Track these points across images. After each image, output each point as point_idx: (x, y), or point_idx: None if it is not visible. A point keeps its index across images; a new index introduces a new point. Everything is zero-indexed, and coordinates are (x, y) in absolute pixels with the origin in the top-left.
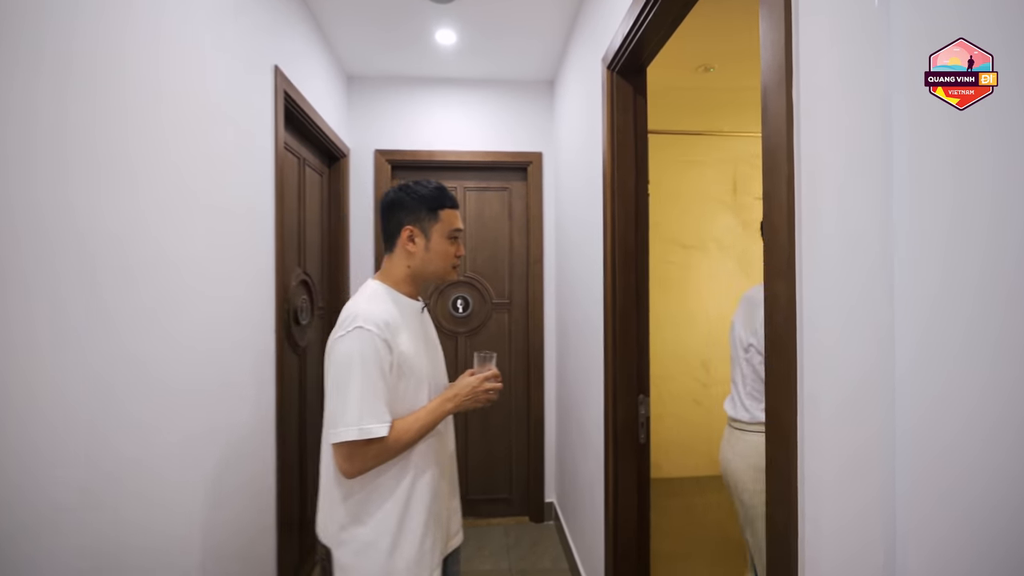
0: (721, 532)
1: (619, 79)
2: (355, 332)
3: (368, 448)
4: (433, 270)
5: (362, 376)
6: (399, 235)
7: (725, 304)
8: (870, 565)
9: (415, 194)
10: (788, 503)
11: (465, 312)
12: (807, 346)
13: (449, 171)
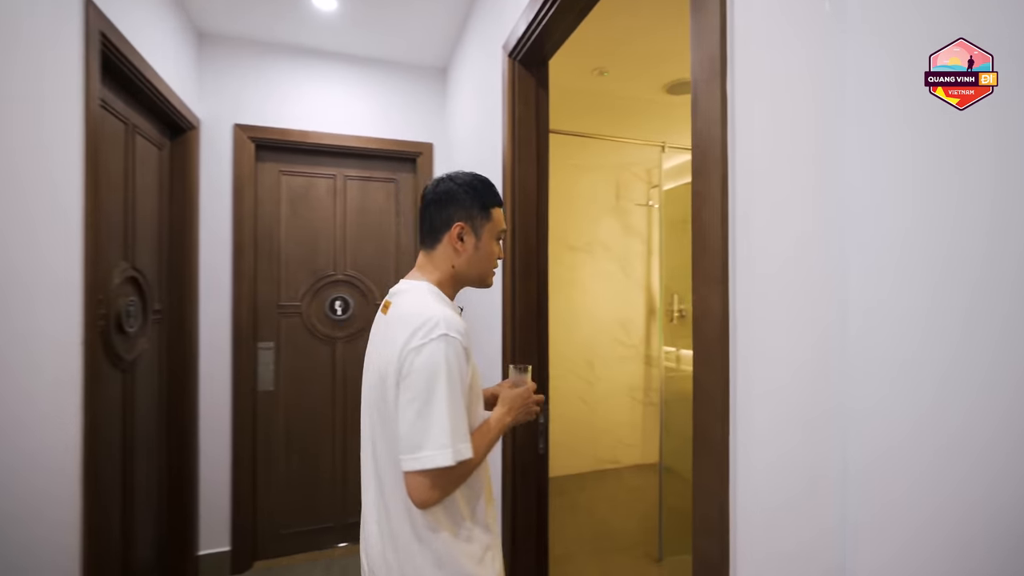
0: (605, 527)
1: (521, 69)
2: (440, 340)
3: (454, 472)
4: (476, 273)
5: (449, 390)
6: (447, 231)
7: (609, 305)
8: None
9: (470, 188)
10: (719, 534)
11: (345, 315)
12: (741, 358)
13: (327, 156)
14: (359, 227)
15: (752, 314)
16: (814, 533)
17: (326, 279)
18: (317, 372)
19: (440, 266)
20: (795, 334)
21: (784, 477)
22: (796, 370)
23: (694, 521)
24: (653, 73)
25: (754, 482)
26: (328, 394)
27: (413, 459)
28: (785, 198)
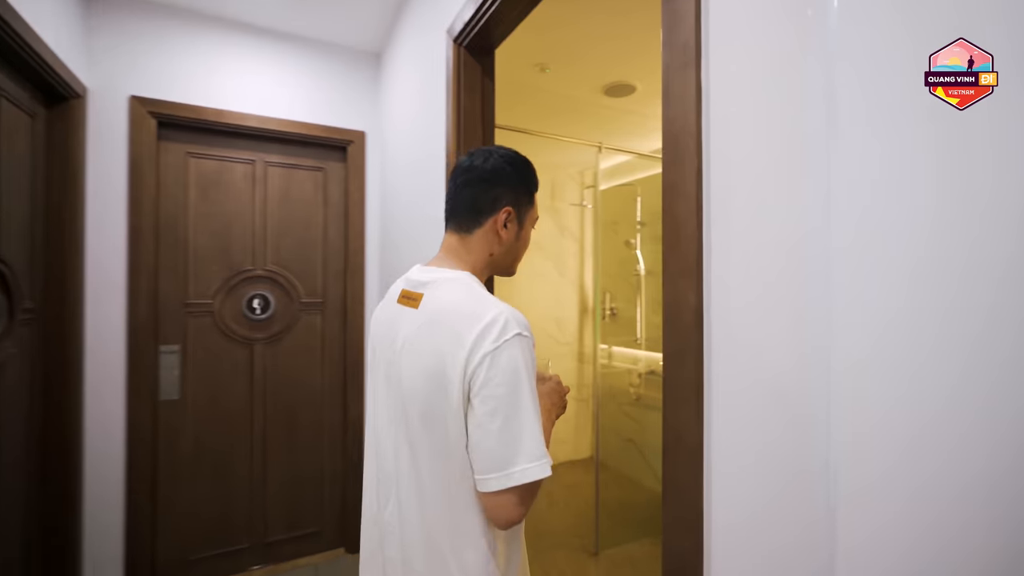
0: (542, 524)
1: (467, 56)
2: (516, 341)
3: (536, 485)
4: (510, 261)
5: (531, 396)
6: (492, 215)
7: (543, 304)
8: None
9: (522, 168)
10: (693, 534)
11: (264, 314)
12: (717, 351)
13: (246, 139)
14: (282, 218)
15: (729, 306)
16: (798, 530)
17: (243, 274)
18: (232, 378)
19: (477, 253)
20: (776, 326)
21: (765, 473)
22: (777, 363)
23: (665, 521)
24: (593, 73)
25: (732, 479)
26: (245, 401)
27: (505, 476)
28: (765, 188)
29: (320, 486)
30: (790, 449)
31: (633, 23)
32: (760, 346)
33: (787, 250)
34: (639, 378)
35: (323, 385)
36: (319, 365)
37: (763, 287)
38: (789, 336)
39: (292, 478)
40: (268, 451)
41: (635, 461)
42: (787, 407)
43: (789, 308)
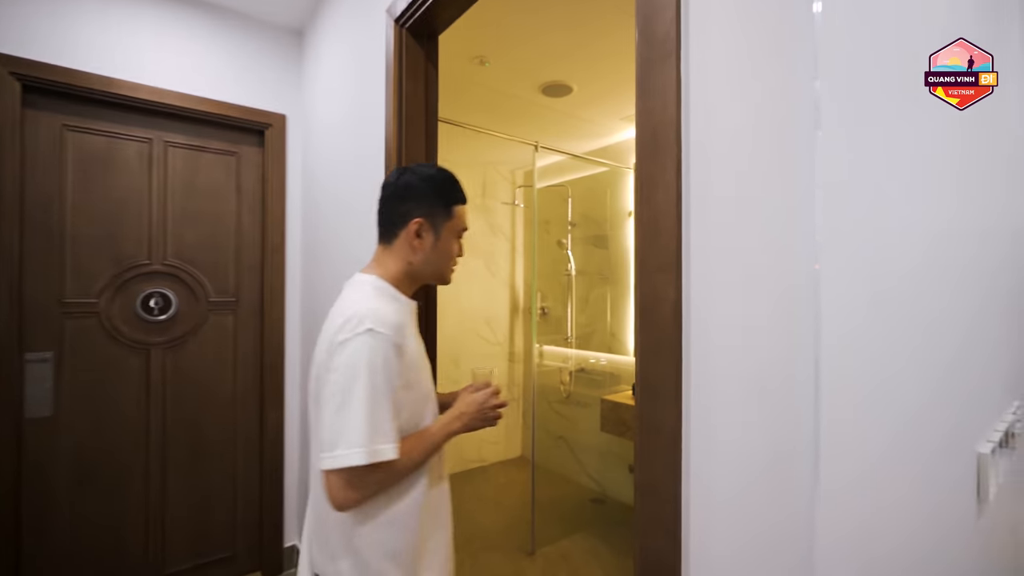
0: (476, 527)
1: (410, 39)
2: (364, 336)
3: (373, 473)
4: (433, 270)
5: (370, 388)
6: (405, 227)
7: (474, 302)
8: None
9: (430, 182)
10: (671, 533)
11: (164, 315)
12: (696, 348)
13: (141, 114)
14: (186, 206)
15: (709, 300)
16: (779, 526)
17: (137, 269)
18: (123, 388)
19: (396, 261)
20: (759, 320)
21: (746, 468)
22: (760, 357)
23: (638, 520)
24: (531, 71)
25: (711, 475)
26: (139, 415)
27: (330, 457)
28: (748, 180)
29: (232, 505)
30: (773, 444)
31: (573, 23)
32: (742, 341)
33: (771, 242)
34: (569, 376)
35: (236, 392)
36: (231, 370)
37: (746, 280)
38: (773, 331)
39: (198, 499)
40: (169, 470)
41: (565, 458)
42: (771, 402)
43: (773, 302)
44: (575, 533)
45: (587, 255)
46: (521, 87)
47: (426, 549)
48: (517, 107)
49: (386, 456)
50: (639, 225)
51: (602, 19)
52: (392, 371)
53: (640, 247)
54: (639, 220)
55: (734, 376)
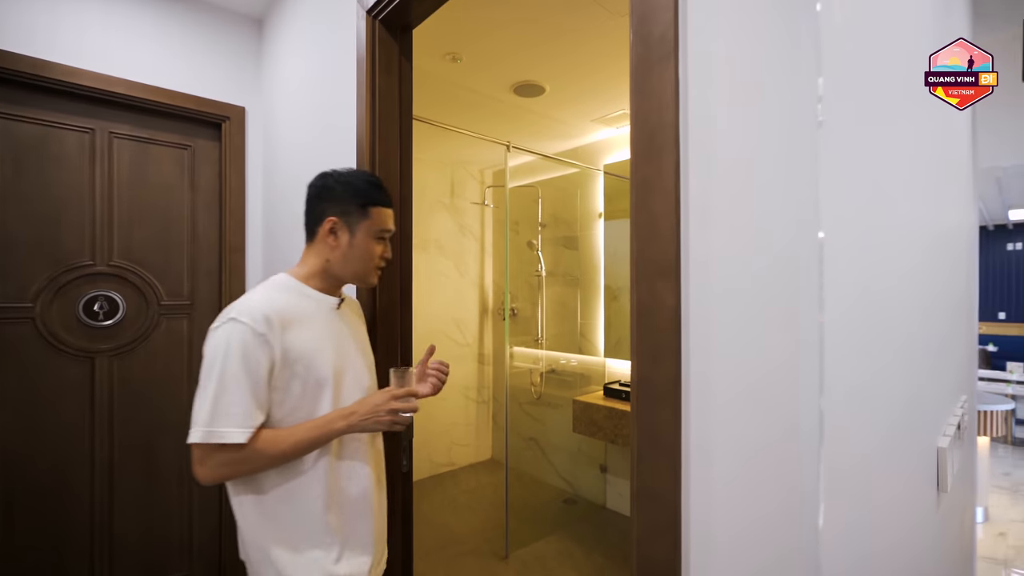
0: (449, 532)
1: (384, 31)
2: (226, 325)
3: (221, 454)
4: (352, 270)
5: (222, 373)
6: (321, 226)
7: (443, 304)
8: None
9: (346, 184)
10: (669, 539)
11: (111, 320)
12: (695, 355)
13: (81, 101)
14: (135, 203)
15: (709, 306)
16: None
17: (79, 270)
18: (62, 401)
19: (314, 259)
20: (763, 327)
21: (750, 478)
22: (764, 365)
23: (637, 528)
24: (504, 69)
25: (713, 484)
26: (82, 429)
27: (189, 433)
28: (751, 184)
29: (187, 521)
30: (779, 454)
31: (549, 22)
32: (746, 348)
33: (775, 248)
34: (540, 377)
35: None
36: (185, 378)
37: (748, 286)
38: (778, 338)
39: (150, 517)
40: (116, 488)
41: (536, 459)
42: (775, 410)
43: (777, 308)
44: (549, 535)
45: (557, 256)
46: (493, 86)
47: (304, 538)
48: (488, 106)
49: (226, 439)
50: (636, 229)
51: (578, 19)
52: (253, 359)
53: (637, 252)
54: (635, 224)
55: (735, 382)
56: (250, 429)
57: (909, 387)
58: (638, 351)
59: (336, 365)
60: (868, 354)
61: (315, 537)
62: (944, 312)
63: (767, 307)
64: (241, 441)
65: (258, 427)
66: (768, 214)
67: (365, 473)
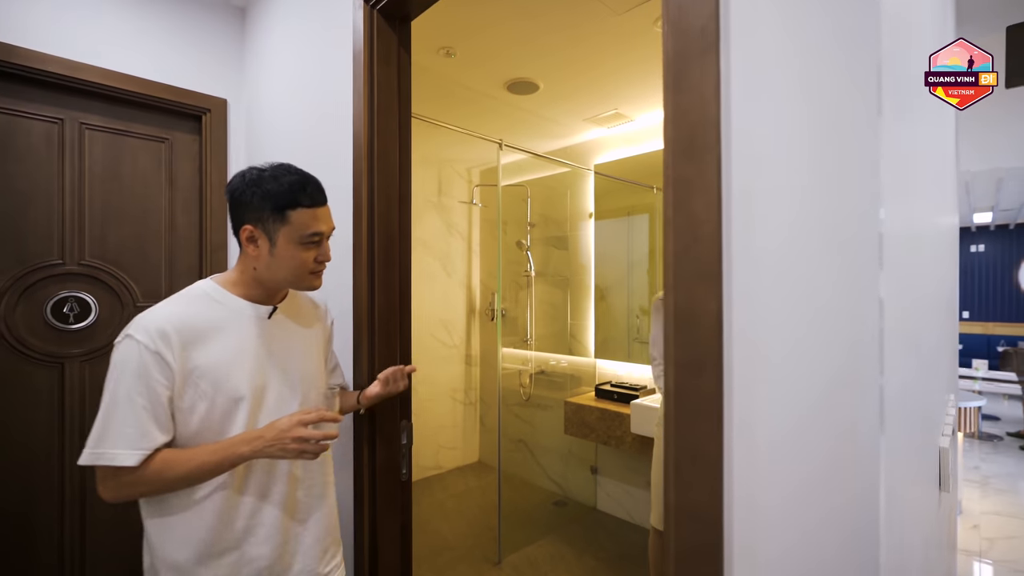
0: (439, 539)
1: (382, 22)
2: (123, 342)
3: (115, 475)
4: (283, 277)
5: (114, 393)
6: (239, 235)
7: (431, 305)
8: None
9: (260, 189)
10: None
11: (82, 322)
12: (739, 364)
13: (50, 89)
14: (107, 198)
15: (755, 313)
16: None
17: (46, 270)
18: (27, 410)
19: (241, 266)
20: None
21: (803, 496)
22: (817, 375)
23: (675, 545)
24: (498, 66)
25: (759, 501)
26: (50, 441)
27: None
28: (802, 185)
29: None
30: (837, 472)
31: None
32: (797, 357)
33: (831, 250)
34: (529, 378)
35: None
36: None
37: (800, 292)
38: (834, 348)
39: (127, 534)
40: (89, 504)
41: (525, 461)
42: (833, 424)
43: (833, 315)
44: (540, 538)
45: (546, 256)
46: (487, 82)
47: (210, 561)
48: (480, 103)
49: (116, 461)
50: (673, 231)
51: (577, 16)
52: (148, 377)
53: (675, 255)
54: (673, 226)
55: (786, 393)
56: (143, 451)
57: (927, 388)
58: (676, 360)
59: (256, 381)
60: (906, 359)
61: (204, 565)
62: (940, 311)
63: (821, 313)
64: (131, 464)
65: (156, 448)
66: (822, 214)
67: (277, 500)
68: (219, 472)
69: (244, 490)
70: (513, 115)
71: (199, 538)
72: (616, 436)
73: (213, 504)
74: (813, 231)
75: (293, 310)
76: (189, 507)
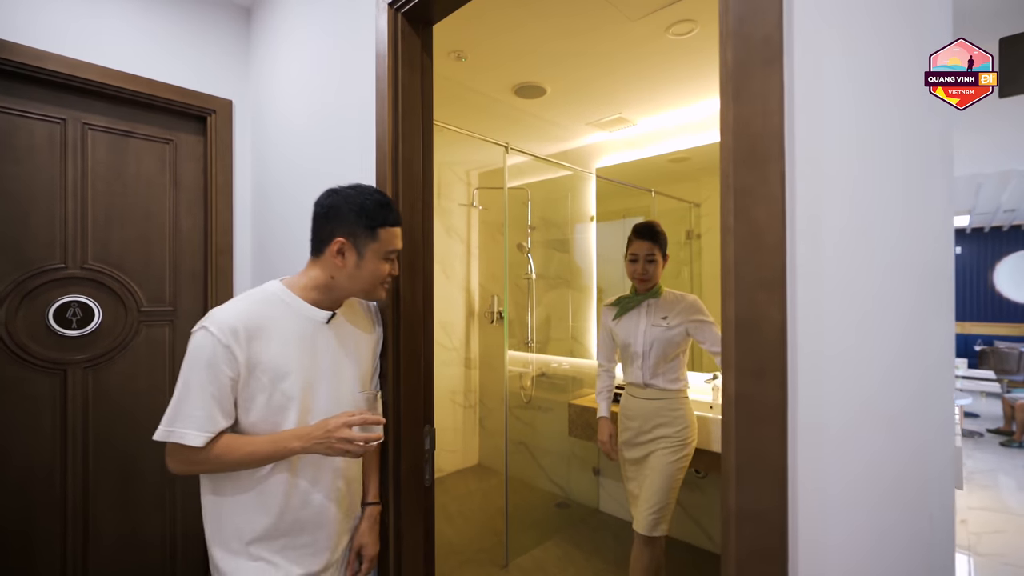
0: (444, 542)
1: (407, 25)
2: (198, 332)
3: (181, 452)
4: (359, 288)
5: (187, 378)
6: (329, 246)
7: None
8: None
9: (356, 205)
10: (775, 565)
11: (85, 328)
12: (803, 373)
13: (51, 88)
14: (111, 200)
15: (821, 321)
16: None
17: (49, 274)
18: (28, 418)
19: (318, 273)
20: (887, 345)
21: (872, 506)
22: (886, 384)
23: (737, 549)
24: (509, 70)
25: (824, 508)
26: (53, 451)
27: None
28: (873, 195)
29: (171, 551)
30: (905, 482)
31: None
32: (866, 366)
33: (901, 261)
34: (531, 381)
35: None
36: (168, 390)
37: (870, 301)
38: (904, 357)
39: (129, 547)
40: (92, 515)
41: (526, 464)
42: (900, 434)
43: (905, 323)
44: (545, 541)
45: (547, 259)
46: (494, 86)
47: (260, 537)
48: (486, 106)
49: (183, 440)
50: (734, 239)
51: (591, 22)
52: (216, 368)
53: (735, 263)
54: (733, 234)
55: (853, 402)
56: (208, 434)
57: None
58: (736, 367)
59: (307, 381)
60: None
61: (251, 547)
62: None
63: (892, 322)
64: (197, 444)
65: (220, 431)
66: (893, 223)
67: (321, 495)
68: (270, 461)
69: (297, 474)
70: (516, 118)
71: (250, 518)
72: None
73: (266, 486)
74: (882, 242)
75: (350, 316)
76: (245, 489)
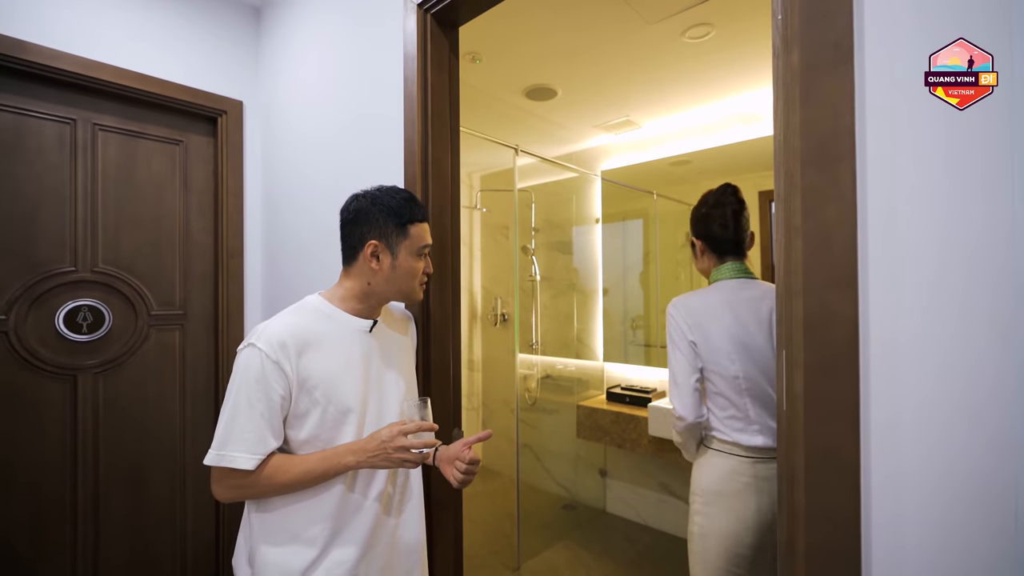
0: None
1: (435, 26)
2: (245, 349)
3: (232, 477)
4: (397, 290)
5: (236, 398)
6: (362, 250)
7: None
8: None
9: (383, 206)
10: (848, 561)
11: (96, 332)
12: (875, 369)
13: (61, 88)
14: (121, 202)
15: (895, 319)
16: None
17: (58, 278)
18: (38, 425)
19: (355, 282)
20: (967, 343)
21: (946, 502)
22: (965, 381)
23: (807, 549)
24: (521, 72)
25: (898, 503)
26: (63, 459)
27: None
28: (947, 192)
29: (182, 563)
30: (988, 479)
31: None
32: (943, 363)
33: (981, 257)
34: (536, 383)
35: (186, 422)
36: (178, 396)
37: (949, 297)
38: (986, 351)
39: (138, 559)
40: (102, 526)
41: (532, 466)
42: (982, 429)
43: (987, 322)
44: (555, 543)
45: (552, 261)
46: (506, 88)
47: (318, 565)
48: (495, 108)
49: (234, 464)
50: (802, 238)
51: (609, 24)
52: (266, 385)
53: (804, 262)
54: (802, 233)
55: (930, 399)
56: (259, 456)
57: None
58: (805, 364)
59: (362, 393)
60: None
61: (297, 545)
62: None
63: (972, 318)
64: (249, 468)
65: (271, 453)
66: (974, 220)
67: (373, 502)
68: (323, 480)
69: (353, 488)
70: (524, 120)
71: (298, 530)
72: (631, 439)
73: (317, 501)
74: (961, 239)
75: (388, 322)
76: (295, 501)
